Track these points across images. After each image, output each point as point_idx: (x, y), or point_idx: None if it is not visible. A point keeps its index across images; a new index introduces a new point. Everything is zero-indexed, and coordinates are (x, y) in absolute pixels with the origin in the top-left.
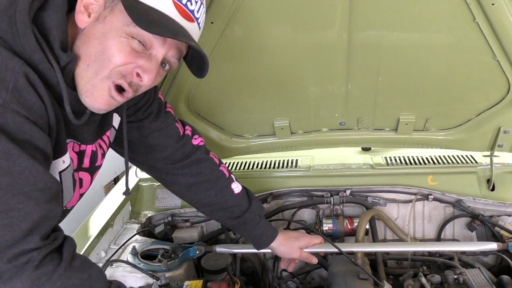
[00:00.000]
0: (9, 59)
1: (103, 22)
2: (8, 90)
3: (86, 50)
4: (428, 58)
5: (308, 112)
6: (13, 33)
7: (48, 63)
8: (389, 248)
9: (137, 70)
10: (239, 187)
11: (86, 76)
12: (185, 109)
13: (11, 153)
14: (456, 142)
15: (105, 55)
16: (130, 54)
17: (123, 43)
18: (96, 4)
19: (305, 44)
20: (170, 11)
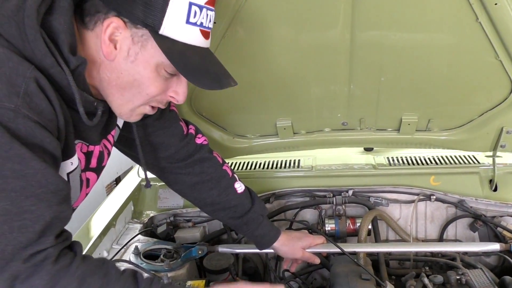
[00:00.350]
0: (20, 64)
1: (136, 59)
2: (19, 96)
3: (120, 83)
4: (430, 58)
5: (310, 112)
6: (23, 39)
7: (58, 66)
8: (391, 249)
9: (171, 94)
10: (242, 187)
11: (121, 103)
12: (188, 109)
13: (23, 157)
14: (459, 143)
15: (140, 89)
16: (163, 84)
17: (157, 77)
18: (119, 33)
19: (307, 44)
20: (199, 41)
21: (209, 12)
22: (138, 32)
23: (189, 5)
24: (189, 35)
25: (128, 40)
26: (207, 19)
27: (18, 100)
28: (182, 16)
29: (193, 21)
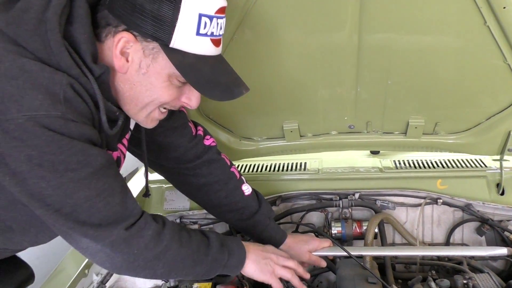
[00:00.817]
0: (53, 73)
1: (147, 71)
2: (62, 103)
3: (133, 94)
4: (438, 61)
5: (317, 115)
6: (48, 52)
7: (84, 76)
8: (398, 252)
9: (184, 100)
10: (249, 189)
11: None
12: (195, 111)
13: (83, 149)
14: (466, 146)
15: (153, 98)
16: (175, 92)
17: (169, 86)
18: (130, 47)
19: (315, 47)
20: (210, 51)
21: (219, 21)
22: (148, 46)
23: (199, 17)
24: (199, 46)
25: (139, 53)
26: (217, 28)
27: (62, 106)
28: (192, 29)
29: (203, 32)
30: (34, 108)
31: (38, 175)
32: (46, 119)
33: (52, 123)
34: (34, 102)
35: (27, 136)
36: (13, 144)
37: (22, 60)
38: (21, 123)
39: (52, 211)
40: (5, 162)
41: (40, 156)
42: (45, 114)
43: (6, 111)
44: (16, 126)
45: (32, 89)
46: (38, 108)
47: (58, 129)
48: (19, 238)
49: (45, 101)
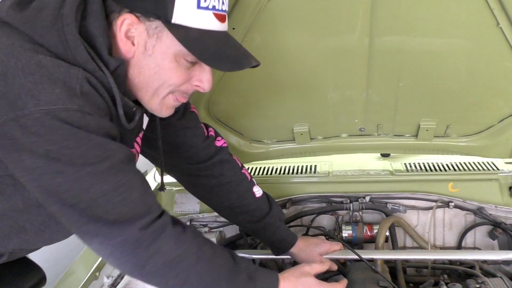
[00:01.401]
0: (70, 68)
1: (153, 52)
2: (79, 96)
3: (142, 79)
4: (449, 63)
5: (327, 118)
6: (64, 47)
7: (100, 71)
8: (409, 256)
9: (196, 83)
10: (260, 191)
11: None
12: (205, 114)
13: (101, 143)
14: (478, 149)
15: (162, 81)
16: (186, 74)
17: (177, 67)
18: (134, 29)
19: (325, 50)
20: (214, 25)
21: None
22: (152, 25)
23: None
24: (202, 20)
25: (144, 34)
26: (219, 2)
27: (79, 100)
28: (192, 2)
29: (204, 5)
30: (51, 102)
31: (56, 169)
32: (63, 112)
33: (70, 116)
34: (52, 96)
35: (45, 131)
36: (31, 139)
37: (38, 56)
38: (39, 117)
39: (68, 206)
40: (21, 159)
41: (58, 151)
42: (63, 108)
43: (23, 106)
44: (34, 121)
45: (49, 84)
46: (55, 102)
47: (76, 123)
48: (34, 238)
49: (62, 95)
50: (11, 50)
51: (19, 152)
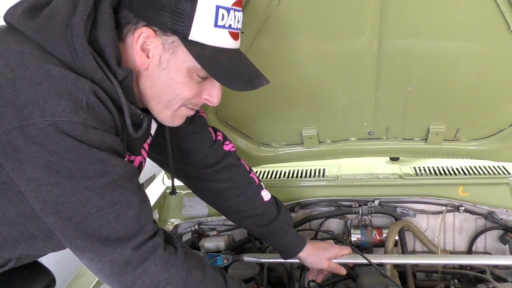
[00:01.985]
0: (77, 80)
1: (167, 66)
2: (84, 109)
3: (155, 91)
4: (459, 66)
5: (336, 121)
6: (73, 56)
7: (108, 80)
8: (419, 260)
9: (205, 97)
10: (269, 195)
11: (159, 110)
12: (214, 117)
13: (102, 158)
14: (488, 153)
15: (175, 94)
16: (197, 88)
17: (189, 81)
18: (150, 42)
19: (334, 53)
20: (228, 43)
21: (237, 13)
22: (168, 40)
23: (216, 8)
24: (218, 38)
25: (159, 48)
26: (235, 20)
27: (84, 113)
28: (210, 20)
29: (221, 24)
30: (56, 113)
31: (54, 181)
32: (67, 125)
33: (72, 129)
34: (57, 107)
35: (47, 142)
36: (33, 149)
37: (47, 66)
38: (43, 128)
39: (63, 218)
40: (22, 168)
41: (58, 162)
42: (67, 120)
43: (29, 116)
44: (38, 131)
45: (56, 95)
46: (60, 114)
47: (79, 136)
48: (42, 245)
49: (67, 107)
50: (21, 58)
51: (20, 161)
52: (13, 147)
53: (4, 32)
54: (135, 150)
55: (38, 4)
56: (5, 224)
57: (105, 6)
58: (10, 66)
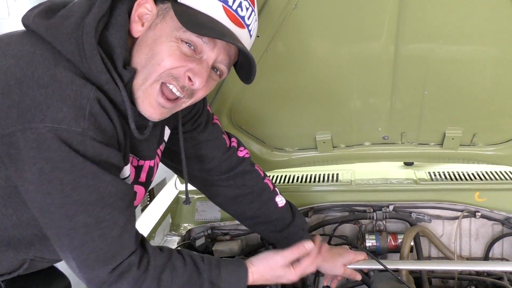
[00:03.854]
0: (83, 87)
1: (154, 29)
2: (85, 118)
3: (137, 58)
4: (476, 71)
5: (350, 126)
6: (81, 55)
7: (113, 83)
8: (435, 267)
9: (188, 73)
10: (283, 201)
11: (137, 83)
12: (227, 122)
13: (96, 173)
14: (506, 158)
15: (154, 60)
16: (180, 57)
17: (173, 47)
18: (149, 13)
19: (349, 57)
20: (220, 17)
21: None
22: (163, 7)
23: None
24: (207, 6)
25: (154, 16)
26: (233, 0)
27: (85, 122)
28: None
29: None
30: (56, 120)
31: (46, 190)
32: (65, 133)
33: (70, 138)
34: (58, 114)
35: (44, 148)
36: (31, 154)
37: (55, 69)
38: (42, 133)
39: (51, 227)
40: (22, 170)
41: (52, 171)
42: (65, 128)
43: (31, 119)
44: (37, 136)
45: (59, 100)
46: (60, 121)
47: (75, 146)
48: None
49: (69, 114)
50: (31, 59)
51: (20, 163)
52: (16, 148)
53: (20, 35)
54: (144, 154)
55: (54, 6)
56: (19, 228)
57: (120, 10)
58: (20, 66)
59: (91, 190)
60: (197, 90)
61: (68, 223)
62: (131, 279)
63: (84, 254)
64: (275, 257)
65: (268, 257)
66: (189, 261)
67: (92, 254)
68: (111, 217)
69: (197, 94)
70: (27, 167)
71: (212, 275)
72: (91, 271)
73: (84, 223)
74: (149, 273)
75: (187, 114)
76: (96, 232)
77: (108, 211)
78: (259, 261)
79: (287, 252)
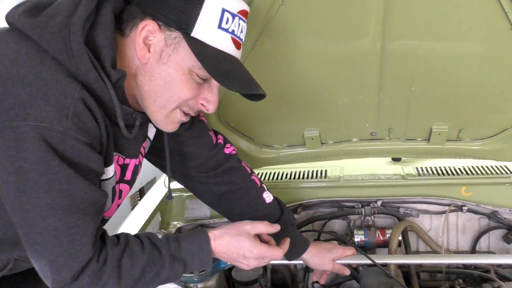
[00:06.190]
0: (67, 86)
1: (168, 61)
2: (68, 118)
3: (152, 88)
4: (462, 67)
5: (338, 122)
6: (68, 54)
7: (101, 81)
8: (423, 260)
9: (202, 101)
10: (271, 197)
11: (155, 109)
12: (216, 119)
13: (70, 178)
14: (491, 153)
15: (172, 92)
16: (195, 89)
17: (189, 80)
18: (153, 37)
19: (337, 54)
20: (230, 49)
21: (241, 23)
22: (171, 35)
23: (222, 11)
24: (220, 40)
25: (162, 42)
26: (238, 28)
27: (67, 122)
28: (214, 21)
29: (225, 27)
30: (39, 119)
31: (22, 189)
32: (47, 131)
33: (51, 136)
34: (41, 113)
35: (24, 147)
36: (9, 152)
37: (40, 68)
38: (24, 132)
39: (26, 224)
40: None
41: (29, 171)
42: (48, 127)
43: (14, 118)
44: (17, 135)
45: (43, 99)
46: (42, 120)
47: (55, 144)
48: None
49: (52, 113)
50: (16, 57)
51: None
52: None
53: (5, 33)
54: (129, 152)
55: (40, 4)
56: (3, 228)
57: (106, 9)
58: (5, 64)
59: (64, 195)
60: None
61: (42, 223)
62: (91, 273)
63: (53, 256)
64: (243, 222)
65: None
66: (146, 242)
67: (60, 257)
68: (82, 223)
69: None
70: (2, 166)
71: (171, 249)
72: (57, 272)
73: (54, 227)
74: (108, 264)
75: None
76: (66, 237)
77: (79, 217)
78: (223, 229)
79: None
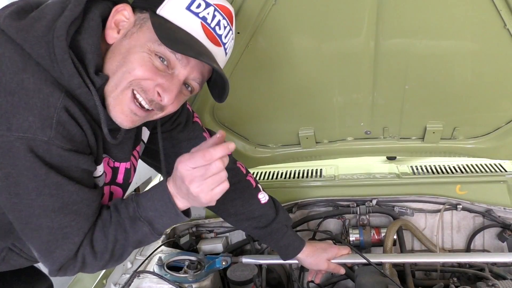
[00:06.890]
0: (50, 96)
1: (130, 38)
2: (52, 127)
3: (110, 65)
4: (456, 65)
5: (333, 121)
6: (52, 59)
7: (85, 87)
8: (418, 259)
9: (157, 88)
10: (266, 197)
11: (108, 89)
12: (210, 119)
13: (59, 184)
14: (485, 151)
15: (125, 67)
16: (151, 70)
17: (145, 58)
18: (126, 21)
19: (330, 53)
20: (198, 34)
21: (218, 15)
22: (141, 16)
23: None
24: (186, 21)
25: (131, 24)
26: (212, 19)
27: (51, 132)
28: (183, 1)
29: (195, 10)
30: (22, 129)
31: (13, 191)
32: (31, 141)
33: (36, 146)
34: (24, 123)
35: (10, 155)
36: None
37: (22, 75)
38: (9, 141)
39: (20, 222)
40: None
41: (18, 176)
42: (32, 137)
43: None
44: (3, 144)
45: (25, 109)
46: (26, 130)
47: (41, 154)
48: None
49: (35, 123)
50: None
51: None
52: None
53: None
54: (119, 157)
55: (27, 6)
56: None
57: (94, 14)
58: None
59: (55, 199)
60: (166, 106)
61: (36, 221)
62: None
63: (51, 248)
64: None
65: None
66: (113, 209)
67: (57, 249)
68: (76, 223)
69: (167, 108)
70: None
71: (129, 211)
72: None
73: (47, 226)
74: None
75: None
76: (59, 235)
77: (72, 218)
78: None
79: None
